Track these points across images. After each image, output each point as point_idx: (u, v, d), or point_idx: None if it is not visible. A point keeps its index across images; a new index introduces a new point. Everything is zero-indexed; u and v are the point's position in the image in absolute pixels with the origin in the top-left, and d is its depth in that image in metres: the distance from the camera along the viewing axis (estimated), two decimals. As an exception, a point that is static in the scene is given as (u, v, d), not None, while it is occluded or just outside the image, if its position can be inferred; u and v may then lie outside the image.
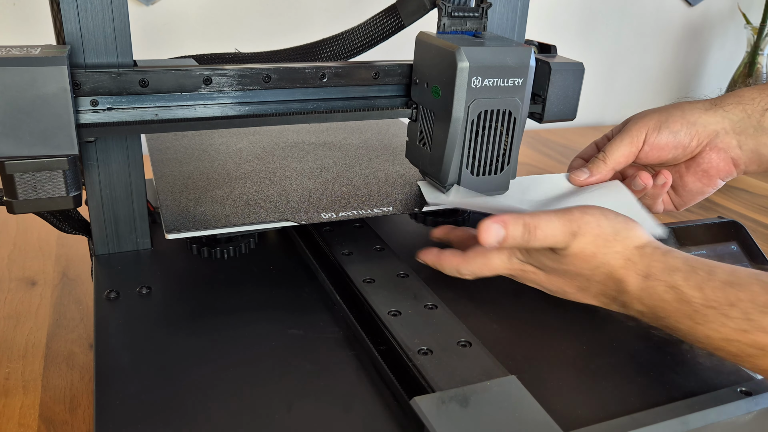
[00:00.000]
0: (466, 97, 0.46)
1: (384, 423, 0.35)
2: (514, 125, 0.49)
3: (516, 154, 0.50)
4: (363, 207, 0.50)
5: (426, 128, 0.50)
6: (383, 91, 0.52)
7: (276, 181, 0.54)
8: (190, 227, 0.45)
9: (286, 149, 0.63)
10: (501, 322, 0.45)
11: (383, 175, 0.58)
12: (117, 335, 0.41)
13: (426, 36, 0.49)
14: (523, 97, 0.48)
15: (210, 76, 0.46)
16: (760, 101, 0.50)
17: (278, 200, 0.51)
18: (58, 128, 0.39)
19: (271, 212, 0.48)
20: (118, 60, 0.44)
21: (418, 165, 0.53)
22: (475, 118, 0.47)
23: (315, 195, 0.52)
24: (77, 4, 0.42)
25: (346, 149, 0.65)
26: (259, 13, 1.05)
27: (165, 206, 0.49)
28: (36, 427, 0.45)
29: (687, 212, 0.90)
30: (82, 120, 0.43)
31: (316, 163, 0.60)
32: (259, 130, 0.69)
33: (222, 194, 0.51)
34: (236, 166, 0.58)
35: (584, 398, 0.38)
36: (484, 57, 0.45)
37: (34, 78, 0.37)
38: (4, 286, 0.62)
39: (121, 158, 0.48)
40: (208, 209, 0.48)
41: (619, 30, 1.36)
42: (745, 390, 0.38)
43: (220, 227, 0.46)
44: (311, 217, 0.48)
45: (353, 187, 0.54)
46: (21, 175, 0.39)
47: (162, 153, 0.60)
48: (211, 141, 0.64)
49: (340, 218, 0.48)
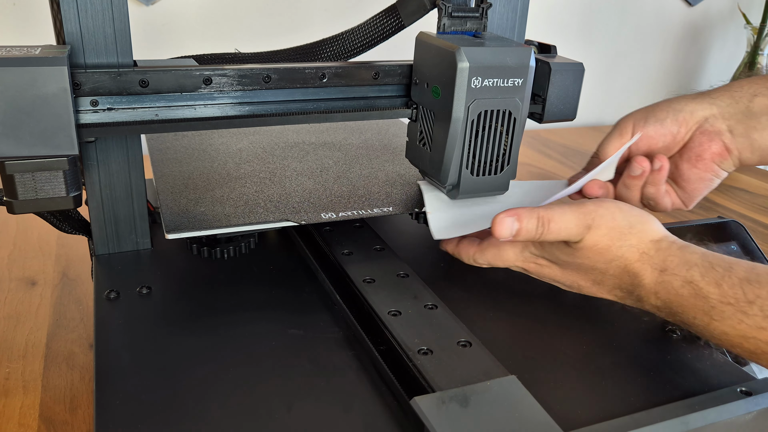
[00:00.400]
0: (466, 97, 0.46)
1: (384, 423, 0.35)
2: (514, 125, 0.49)
3: (516, 155, 0.50)
4: (363, 207, 0.50)
5: (426, 128, 0.51)
6: (383, 92, 0.52)
7: (276, 182, 0.54)
8: (190, 227, 0.45)
9: (286, 149, 0.63)
10: (501, 322, 0.45)
11: (383, 175, 0.58)
12: (117, 335, 0.41)
13: (426, 36, 0.49)
14: (523, 98, 0.48)
15: (210, 76, 0.46)
16: (749, 88, 0.51)
17: (278, 200, 0.51)
18: (58, 128, 0.39)
19: (271, 212, 0.48)
20: (118, 60, 0.44)
21: (418, 165, 0.53)
22: (475, 118, 0.47)
23: (315, 195, 0.52)
24: (77, 4, 0.42)
25: (346, 149, 0.65)
26: (259, 14, 1.05)
27: (165, 206, 0.49)
28: (36, 427, 0.45)
29: (687, 212, 0.90)
30: (82, 120, 0.43)
31: (316, 164, 0.60)
32: (259, 131, 0.69)
33: (222, 194, 0.51)
34: (236, 166, 0.58)
35: (584, 398, 0.38)
36: (484, 57, 0.45)
37: (35, 78, 0.37)
38: (4, 286, 0.62)
39: (121, 158, 0.48)
40: (208, 209, 0.48)
41: (619, 30, 1.36)
42: (745, 390, 0.38)
43: (220, 227, 0.46)
44: (311, 217, 0.48)
45: (353, 187, 0.54)
46: (21, 176, 0.39)
47: (162, 153, 0.60)
48: (211, 141, 0.64)
49: (340, 218, 0.48)
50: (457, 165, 0.49)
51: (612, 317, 0.46)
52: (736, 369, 0.41)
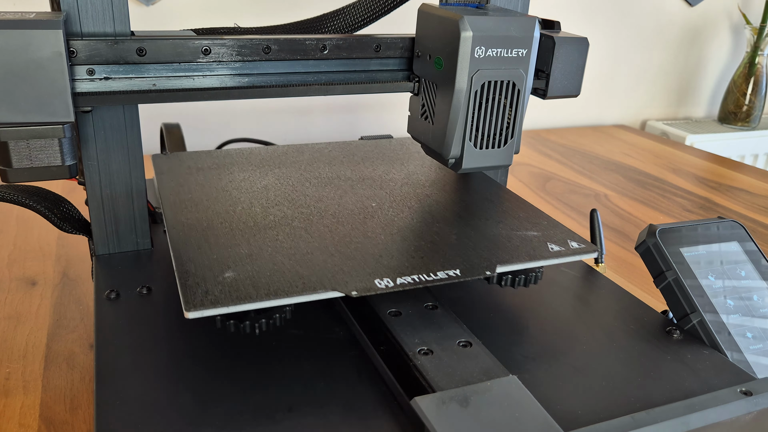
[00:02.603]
0: (469, 67, 0.45)
1: (384, 423, 0.35)
2: (517, 98, 0.48)
3: (520, 128, 0.49)
4: (423, 269, 0.41)
5: (428, 101, 0.50)
6: (385, 65, 0.51)
7: (313, 232, 0.45)
8: (216, 302, 0.36)
9: (320, 187, 0.54)
10: (501, 321, 0.45)
11: (439, 220, 0.49)
12: (117, 335, 0.41)
13: (428, 7, 0.49)
14: (527, 69, 0.47)
15: (209, 46, 0.45)
16: None
17: (319, 260, 0.41)
18: (54, 94, 0.38)
19: (314, 278, 0.39)
20: (114, 29, 0.44)
21: (421, 139, 0.52)
22: (479, 89, 0.46)
23: (361, 252, 0.43)
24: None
25: (389, 187, 0.55)
26: (260, 15, 1.05)
27: (182, 271, 0.39)
28: (36, 427, 0.45)
29: (687, 212, 0.90)
30: (78, 89, 0.42)
31: (357, 206, 0.51)
32: (286, 162, 0.60)
33: (250, 251, 0.42)
34: (264, 211, 0.48)
35: (584, 398, 0.38)
36: (488, 26, 0.45)
37: (29, 42, 0.37)
38: (4, 286, 0.62)
39: (122, 158, 0.48)
40: (235, 274, 0.40)
41: (619, 30, 1.36)
42: (745, 390, 0.38)
43: (252, 301, 0.37)
44: (363, 284, 0.39)
45: (406, 240, 0.45)
46: (15, 143, 0.39)
47: (175, 193, 0.51)
48: (231, 177, 0.55)
49: (398, 287, 0.39)
50: (460, 137, 0.48)
51: (612, 317, 0.46)
52: (736, 369, 0.41)
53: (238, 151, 0.62)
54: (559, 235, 0.47)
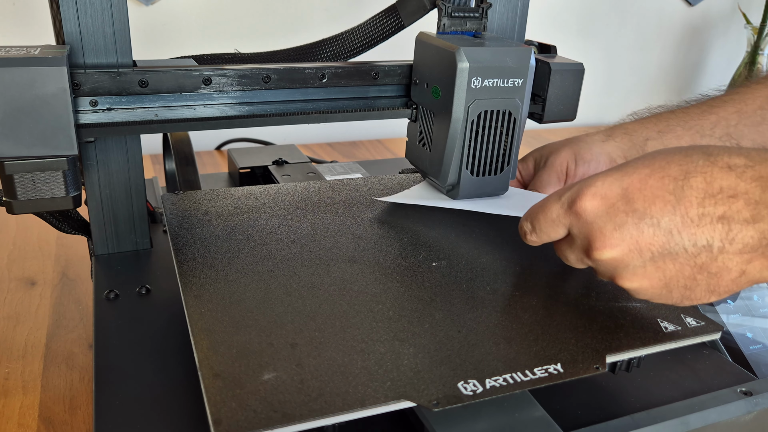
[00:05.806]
0: (466, 97, 0.46)
1: (384, 423, 0.35)
2: (514, 126, 0.49)
3: (516, 155, 0.50)
4: (510, 365, 0.33)
5: (426, 128, 0.51)
6: (383, 92, 0.52)
7: (362, 323, 0.36)
8: (258, 422, 0.28)
9: (369, 242, 0.45)
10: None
11: (517, 291, 0.42)
12: (117, 335, 0.41)
13: (426, 36, 0.49)
14: (523, 98, 0.48)
15: (210, 77, 0.46)
16: (642, 132, 0.57)
17: (375, 357, 0.33)
18: (58, 129, 0.39)
19: (375, 383, 0.31)
20: (117, 60, 0.44)
21: (418, 166, 0.53)
22: (475, 118, 0.47)
23: (427, 344, 0.35)
24: (77, 4, 0.42)
25: (448, 253, 0.45)
26: (260, 14, 1.05)
27: (211, 386, 0.31)
28: (36, 427, 0.45)
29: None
30: (81, 120, 0.43)
31: (414, 281, 0.41)
32: (320, 204, 0.51)
33: (292, 354, 0.33)
34: (300, 281, 0.40)
35: (584, 398, 0.38)
36: (484, 57, 0.45)
37: (34, 78, 0.37)
38: (4, 286, 0.62)
39: (121, 158, 0.48)
40: (277, 382, 0.31)
41: (619, 30, 1.36)
42: (745, 390, 0.38)
43: (301, 420, 0.28)
44: (442, 390, 0.31)
45: (475, 330, 0.37)
46: (20, 176, 0.39)
47: (197, 277, 0.39)
48: (257, 225, 0.47)
49: (488, 392, 0.31)
50: (456, 165, 0.49)
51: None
52: (736, 369, 0.41)
53: (263, 190, 0.53)
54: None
